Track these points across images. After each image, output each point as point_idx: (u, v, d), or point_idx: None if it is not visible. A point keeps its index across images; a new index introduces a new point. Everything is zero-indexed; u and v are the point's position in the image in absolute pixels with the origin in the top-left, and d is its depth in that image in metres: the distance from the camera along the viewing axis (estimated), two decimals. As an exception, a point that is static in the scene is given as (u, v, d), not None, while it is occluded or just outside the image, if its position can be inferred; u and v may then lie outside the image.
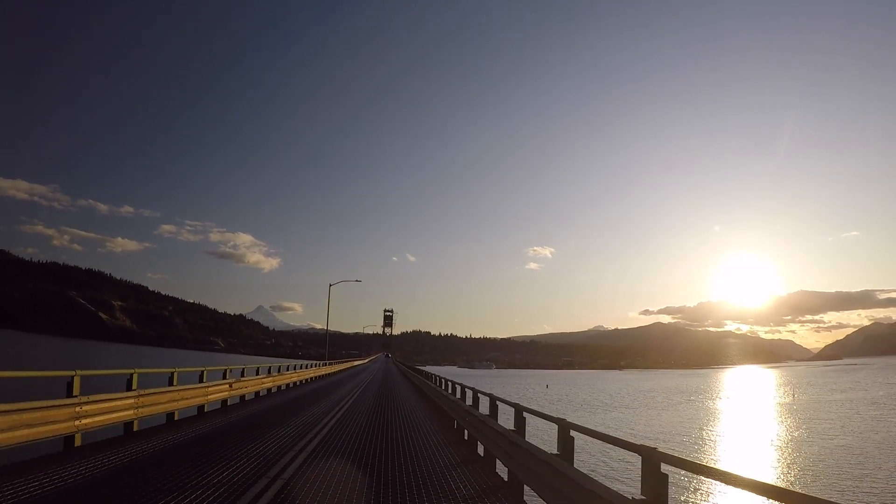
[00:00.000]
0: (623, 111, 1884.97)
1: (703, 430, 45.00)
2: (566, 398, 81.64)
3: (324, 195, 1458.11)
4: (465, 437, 15.22)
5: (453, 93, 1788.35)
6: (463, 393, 17.80)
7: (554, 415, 9.07)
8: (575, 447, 8.06)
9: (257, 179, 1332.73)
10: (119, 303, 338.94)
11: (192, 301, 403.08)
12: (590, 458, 28.04)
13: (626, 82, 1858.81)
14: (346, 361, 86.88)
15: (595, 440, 7.58)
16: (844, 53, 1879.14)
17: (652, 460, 5.68)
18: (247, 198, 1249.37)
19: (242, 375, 23.75)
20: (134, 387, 14.14)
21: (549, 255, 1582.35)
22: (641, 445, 5.87)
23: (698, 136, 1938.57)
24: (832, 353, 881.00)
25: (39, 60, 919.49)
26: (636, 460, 7.35)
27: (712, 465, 5.04)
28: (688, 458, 5.22)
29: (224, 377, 21.29)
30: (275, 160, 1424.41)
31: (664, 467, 5.61)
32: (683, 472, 5.24)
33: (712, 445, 37.04)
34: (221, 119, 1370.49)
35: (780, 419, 52.92)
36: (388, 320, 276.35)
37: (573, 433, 8.03)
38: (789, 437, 39.50)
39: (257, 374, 26.31)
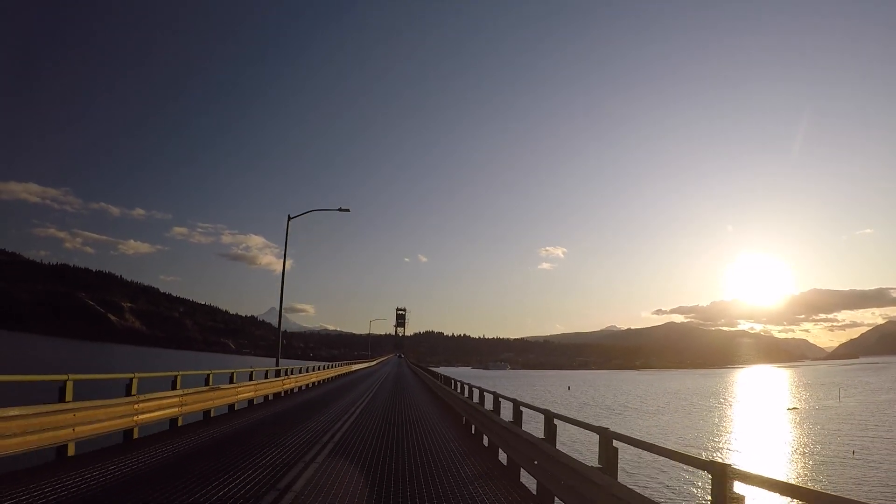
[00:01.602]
0: (635, 111, 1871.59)
1: (761, 438, 39.44)
2: (593, 402, 76.16)
3: (335, 196, 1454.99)
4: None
5: (465, 94, 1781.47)
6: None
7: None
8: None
9: (268, 181, 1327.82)
10: (128, 304, 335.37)
11: (203, 302, 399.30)
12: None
13: (637, 82, 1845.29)
14: (348, 364, 70.31)
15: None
16: (858, 51, 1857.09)
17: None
18: (258, 200, 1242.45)
19: (207, 383, 17.64)
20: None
21: (562, 255, 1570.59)
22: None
23: (711, 135, 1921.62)
24: (847, 352, 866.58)
25: (50, 64, 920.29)
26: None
27: None
28: None
29: (174, 387, 14.98)
30: (286, 162, 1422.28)
31: None
32: None
33: (790, 459, 31.46)
34: (232, 122, 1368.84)
35: (839, 425, 47.16)
36: (400, 319, 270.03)
37: (740, 487, 5.01)
38: (871, 447, 33.84)
39: (231, 381, 20.65)
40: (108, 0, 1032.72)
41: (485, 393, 18.18)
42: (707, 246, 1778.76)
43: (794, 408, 65.89)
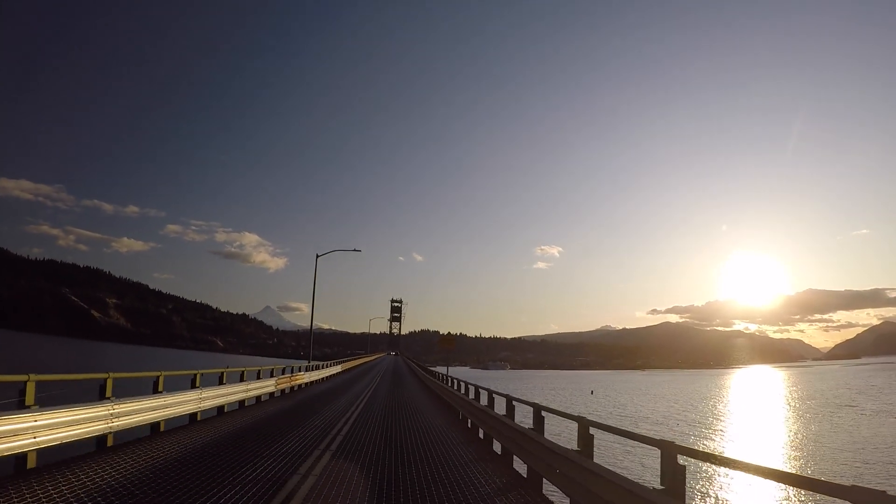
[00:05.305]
0: (630, 110, 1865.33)
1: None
2: (641, 413, 64.46)
3: (329, 195, 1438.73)
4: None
5: (460, 92, 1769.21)
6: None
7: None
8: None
9: (262, 179, 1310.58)
10: (114, 300, 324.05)
11: (195, 300, 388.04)
12: None
13: (633, 82, 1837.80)
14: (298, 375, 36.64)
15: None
16: (853, 51, 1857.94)
17: None
18: (252, 197, 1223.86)
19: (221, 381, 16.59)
20: None
21: (557, 255, 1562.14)
22: None
23: (706, 135, 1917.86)
24: (844, 352, 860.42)
25: (44, 61, 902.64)
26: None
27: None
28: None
29: (194, 385, 15.35)
30: (280, 160, 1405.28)
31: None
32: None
33: None
34: (227, 120, 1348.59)
35: None
36: (395, 313, 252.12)
37: (684, 460, 5.99)
38: None
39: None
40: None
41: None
42: (702, 246, 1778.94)
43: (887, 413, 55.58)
